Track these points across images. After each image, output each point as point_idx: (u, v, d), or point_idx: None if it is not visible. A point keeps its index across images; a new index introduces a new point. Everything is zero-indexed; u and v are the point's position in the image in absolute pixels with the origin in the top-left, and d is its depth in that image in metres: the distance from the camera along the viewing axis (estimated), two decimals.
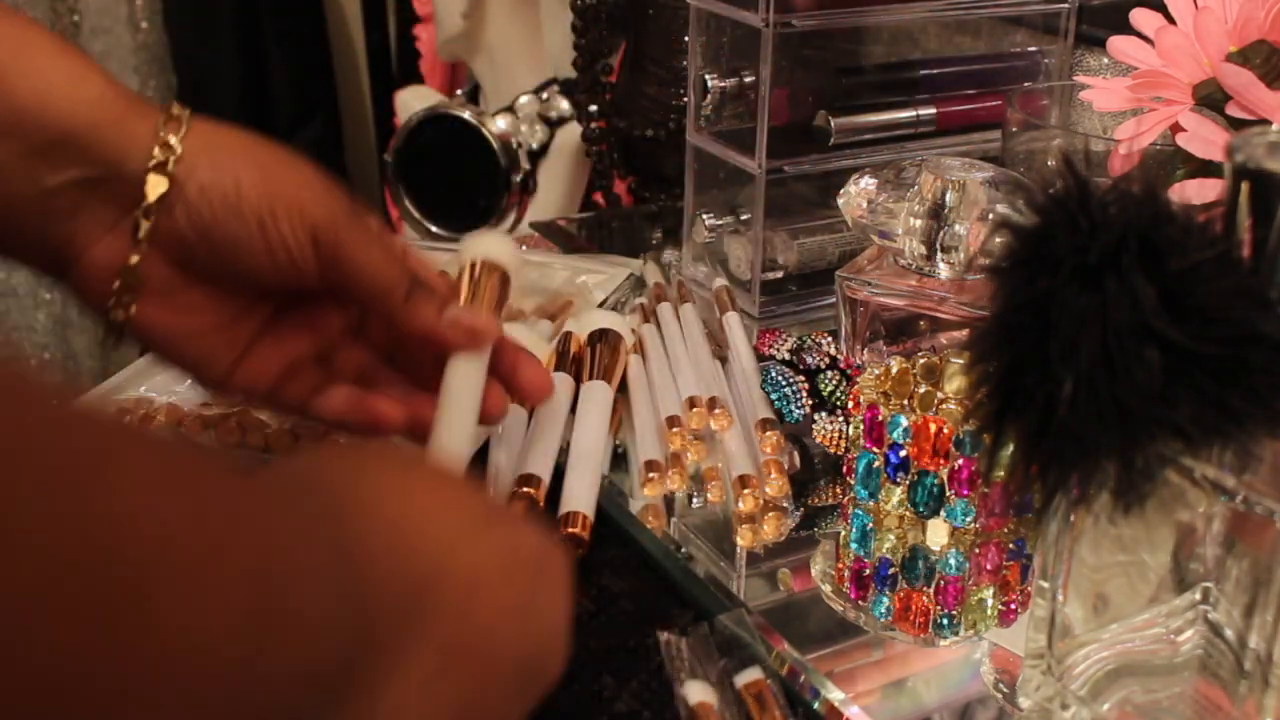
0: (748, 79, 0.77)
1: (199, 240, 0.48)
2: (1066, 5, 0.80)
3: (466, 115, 0.87)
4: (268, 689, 0.29)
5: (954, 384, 0.51)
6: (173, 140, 0.48)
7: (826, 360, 0.62)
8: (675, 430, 0.59)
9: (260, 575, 0.29)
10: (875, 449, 0.48)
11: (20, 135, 0.46)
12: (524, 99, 1.02)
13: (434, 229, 0.88)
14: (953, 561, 0.48)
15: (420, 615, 0.36)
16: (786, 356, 0.63)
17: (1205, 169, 0.56)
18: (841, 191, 0.64)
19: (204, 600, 0.26)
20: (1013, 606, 0.50)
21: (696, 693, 0.45)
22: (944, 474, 0.47)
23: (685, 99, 0.79)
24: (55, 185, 0.47)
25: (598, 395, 0.61)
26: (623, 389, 0.63)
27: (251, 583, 0.28)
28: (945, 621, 0.49)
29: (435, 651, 0.37)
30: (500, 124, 0.91)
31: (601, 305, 0.75)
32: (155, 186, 0.48)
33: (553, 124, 1.02)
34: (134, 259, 0.48)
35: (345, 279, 0.51)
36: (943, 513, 0.47)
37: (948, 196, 0.60)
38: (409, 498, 0.39)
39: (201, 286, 0.50)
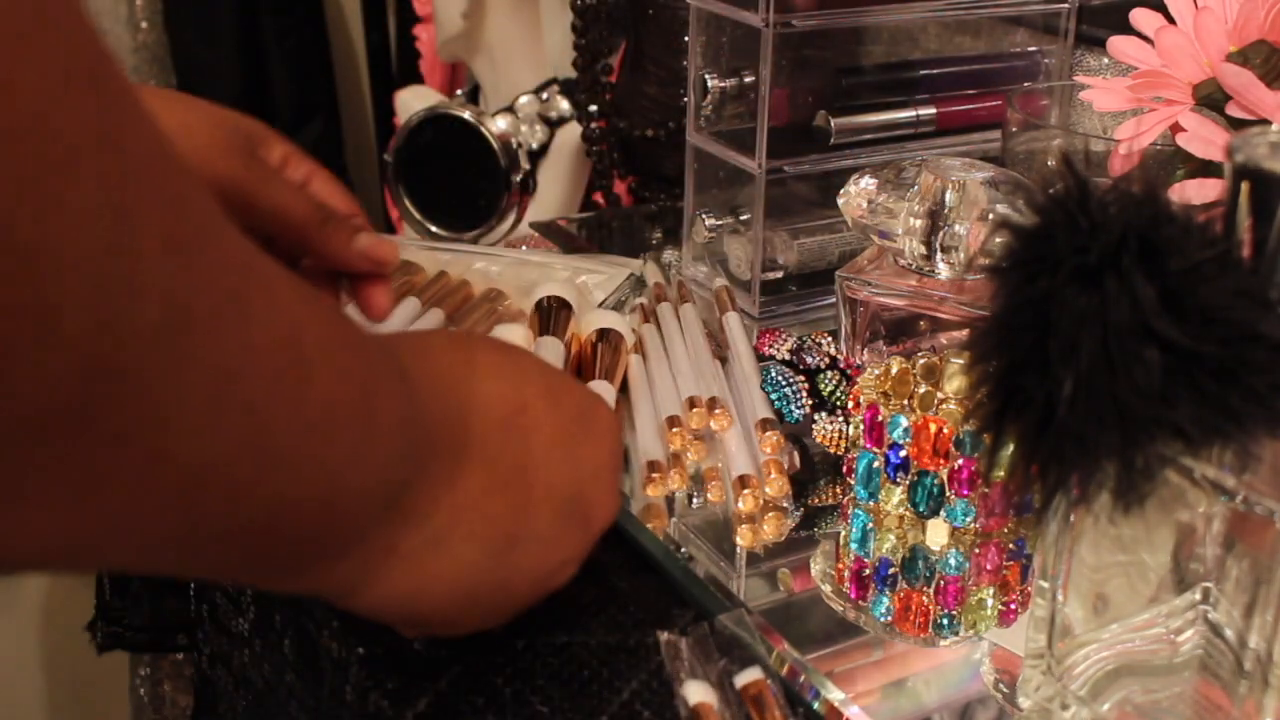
0: (748, 79, 0.77)
1: None
2: (1066, 5, 0.80)
3: (466, 115, 0.87)
4: (348, 495, 0.36)
5: (954, 384, 0.51)
6: None
7: (826, 360, 0.62)
8: (675, 430, 0.59)
9: (363, 391, 0.35)
10: (875, 449, 0.48)
11: None
12: (524, 99, 1.02)
13: (434, 229, 0.87)
14: (953, 561, 0.48)
15: (464, 443, 0.41)
16: (786, 356, 0.63)
17: (1205, 169, 0.56)
18: (841, 191, 0.64)
19: (333, 398, 0.34)
20: (1013, 606, 0.50)
21: (696, 693, 0.45)
22: (944, 474, 0.47)
23: (685, 99, 0.79)
24: None
25: (602, 395, 0.61)
26: (623, 389, 0.63)
27: (358, 391, 0.35)
28: (945, 621, 0.49)
29: (480, 475, 0.41)
30: (500, 124, 0.91)
31: (601, 305, 0.75)
32: None
33: (553, 124, 1.02)
34: None
35: (257, 222, 0.56)
36: (943, 513, 0.47)
37: (948, 196, 0.60)
38: (454, 352, 0.44)
39: None
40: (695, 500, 0.59)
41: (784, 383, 0.61)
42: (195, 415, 0.29)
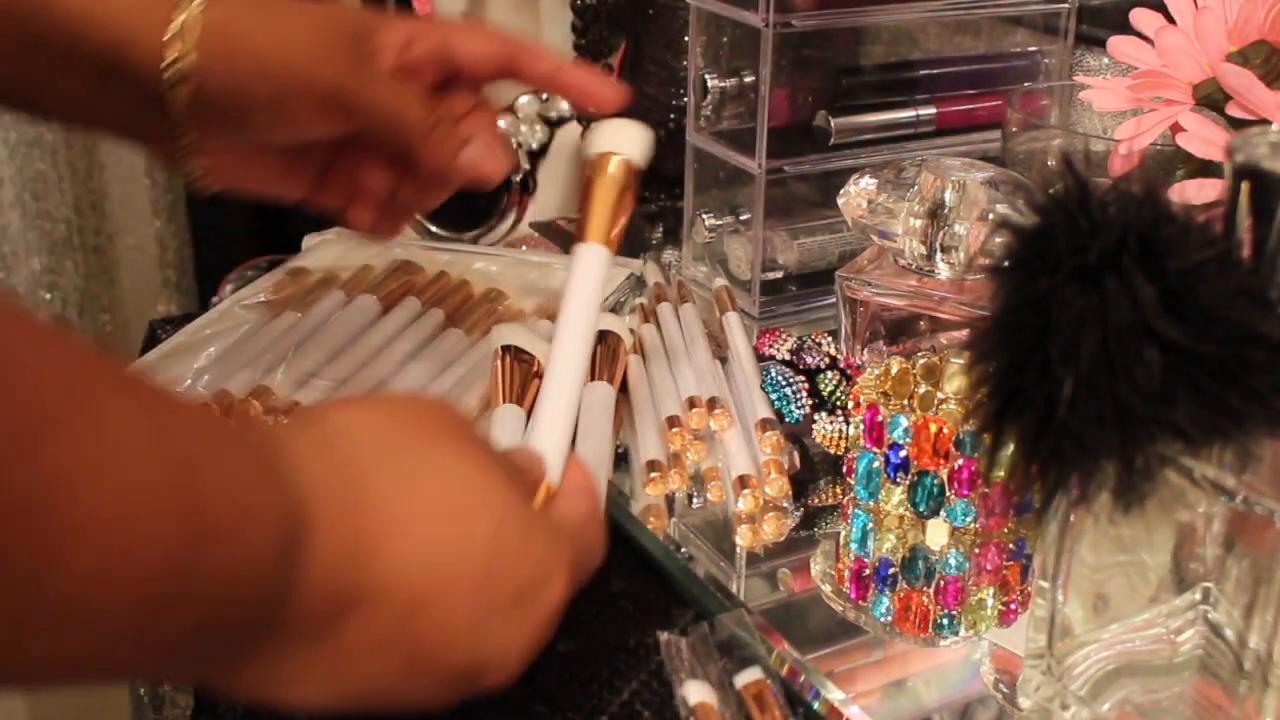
0: (748, 79, 0.77)
1: (230, 128, 0.55)
2: (1066, 5, 0.80)
3: None
4: (179, 624, 0.31)
5: (954, 384, 0.51)
6: (180, 62, 0.52)
7: (826, 360, 0.62)
8: (675, 430, 0.59)
9: (196, 519, 0.30)
10: (875, 449, 0.48)
11: (74, 61, 0.52)
12: (524, 99, 1.02)
13: (434, 229, 0.87)
14: (953, 561, 0.48)
15: (352, 613, 0.36)
16: (786, 356, 0.63)
17: (1205, 169, 0.56)
18: (841, 191, 0.64)
19: (136, 535, 0.29)
20: (1013, 606, 0.50)
21: (696, 693, 0.45)
22: (944, 474, 0.47)
23: (685, 99, 0.79)
24: (111, 102, 0.53)
25: (601, 396, 0.61)
26: (623, 389, 0.63)
27: (185, 523, 0.30)
28: (945, 621, 0.49)
29: (363, 643, 0.37)
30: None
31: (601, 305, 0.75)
32: (175, 103, 0.53)
33: (553, 124, 1.02)
34: (186, 146, 0.55)
35: (366, 127, 0.55)
36: (943, 513, 0.47)
37: (948, 196, 0.60)
38: (405, 501, 0.38)
39: (253, 157, 0.57)
40: (695, 500, 0.59)
41: (784, 383, 0.61)
42: None
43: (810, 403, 0.61)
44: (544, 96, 1.02)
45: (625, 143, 0.54)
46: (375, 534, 0.37)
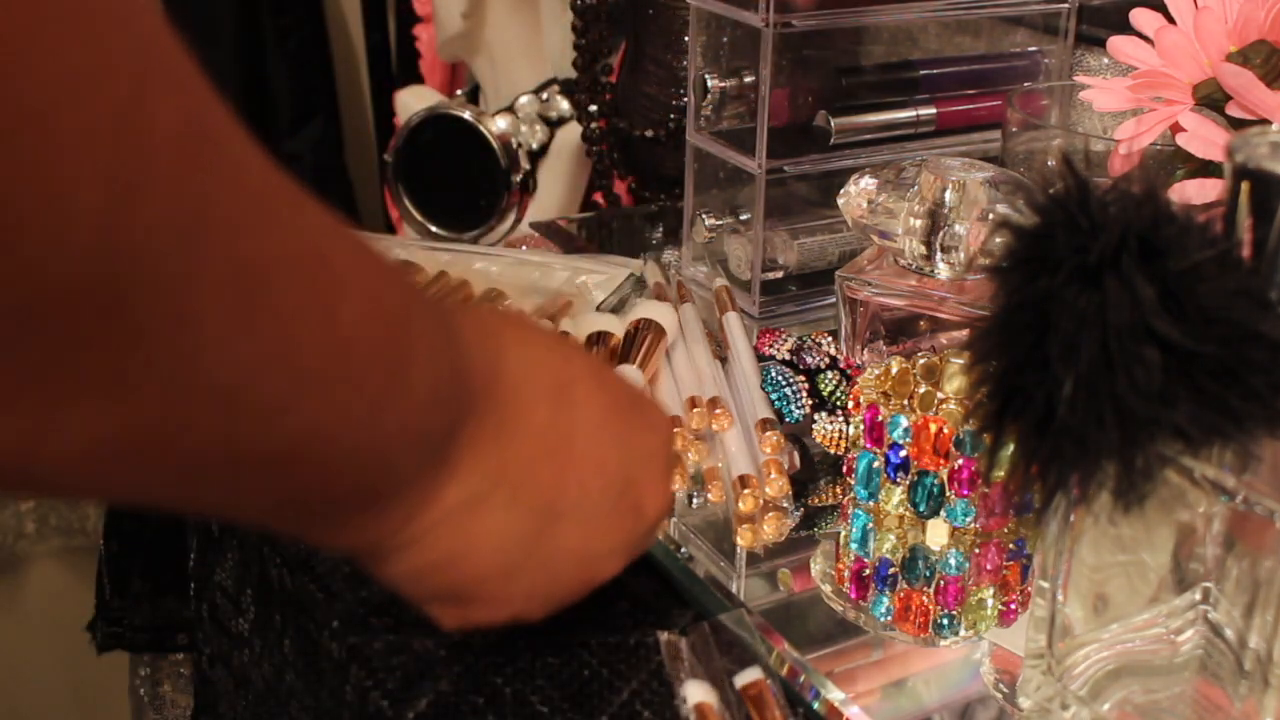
0: (748, 79, 0.77)
1: None
2: (1066, 5, 0.80)
3: (466, 115, 0.87)
4: (386, 435, 0.35)
5: (954, 384, 0.51)
6: None
7: (826, 360, 0.62)
8: (675, 430, 0.59)
9: (399, 323, 0.34)
10: (875, 449, 0.48)
11: None
12: (524, 99, 1.02)
13: (434, 229, 0.87)
14: (953, 561, 0.48)
15: (508, 403, 0.40)
16: (786, 356, 0.63)
17: (1205, 169, 0.56)
18: (841, 191, 0.64)
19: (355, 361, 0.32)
20: (1013, 606, 0.50)
21: (696, 693, 0.45)
22: (944, 474, 0.47)
23: (685, 99, 0.79)
24: None
25: None
26: None
27: (393, 321, 0.34)
28: (945, 621, 0.49)
29: (526, 440, 0.40)
30: (500, 124, 0.91)
31: (601, 305, 0.75)
32: None
33: (553, 124, 1.02)
34: None
35: None
36: (943, 513, 0.47)
37: (948, 196, 0.60)
38: (498, 316, 0.43)
39: None
40: (695, 500, 0.59)
41: (784, 383, 0.61)
42: (220, 318, 0.28)
43: (810, 403, 0.61)
44: (544, 96, 1.03)
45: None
46: (498, 329, 0.41)
